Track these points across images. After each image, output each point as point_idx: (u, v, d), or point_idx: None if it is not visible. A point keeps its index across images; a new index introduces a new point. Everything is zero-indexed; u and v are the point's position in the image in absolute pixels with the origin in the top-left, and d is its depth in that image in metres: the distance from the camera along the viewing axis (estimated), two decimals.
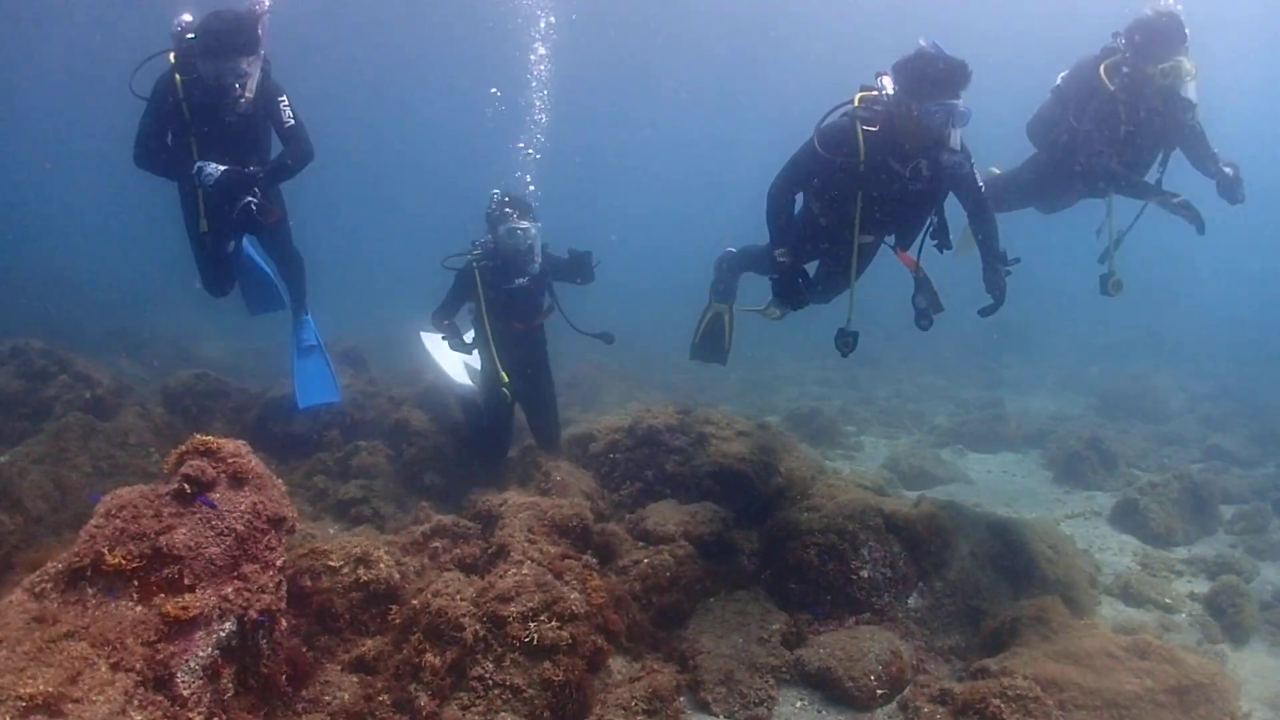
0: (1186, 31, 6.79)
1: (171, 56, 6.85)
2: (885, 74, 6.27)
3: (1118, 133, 7.05)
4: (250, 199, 6.83)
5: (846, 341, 6.49)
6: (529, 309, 7.79)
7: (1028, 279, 7.13)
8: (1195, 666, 4.82)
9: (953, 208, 6.54)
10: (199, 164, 6.72)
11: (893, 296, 7.12)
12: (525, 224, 7.45)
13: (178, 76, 6.78)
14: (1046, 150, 7.85)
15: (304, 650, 4.51)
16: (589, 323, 7.86)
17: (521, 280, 7.57)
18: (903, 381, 17.49)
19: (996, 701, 4.57)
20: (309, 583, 4.91)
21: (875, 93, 6.22)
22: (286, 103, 7.12)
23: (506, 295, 7.57)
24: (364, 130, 45.97)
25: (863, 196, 6.20)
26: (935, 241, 6.54)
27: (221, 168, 6.70)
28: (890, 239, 6.74)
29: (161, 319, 18.60)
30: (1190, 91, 6.89)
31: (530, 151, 10.64)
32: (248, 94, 6.79)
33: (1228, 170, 7.09)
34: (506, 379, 7.40)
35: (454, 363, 8.86)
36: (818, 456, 9.80)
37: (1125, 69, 6.98)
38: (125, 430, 7.80)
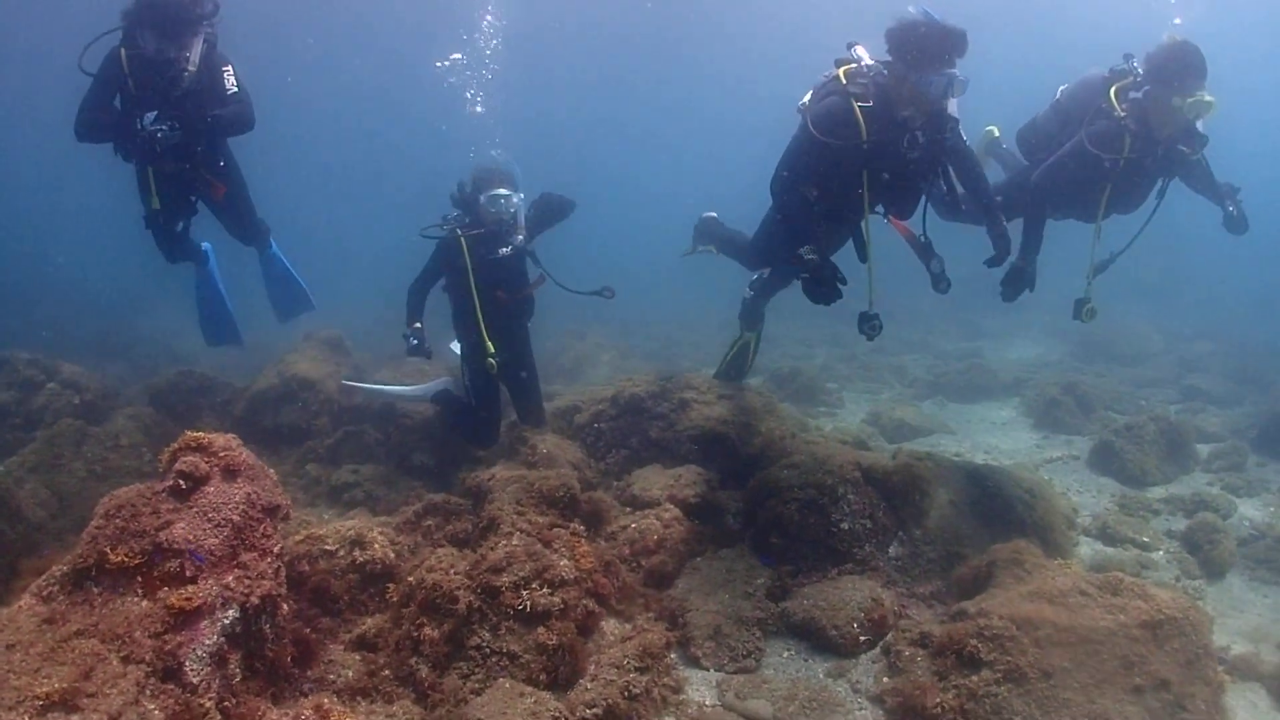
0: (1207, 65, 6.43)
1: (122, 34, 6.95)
2: (858, 44, 6.23)
3: (1118, 159, 6.68)
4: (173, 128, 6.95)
5: (873, 325, 6.39)
6: (513, 279, 7.74)
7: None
8: (1167, 601, 4.86)
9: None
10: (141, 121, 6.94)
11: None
12: (506, 190, 7.38)
13: (124, 52, 6.89)
14: (1037, 163, 7.50)
15: (307, 632, 4.66)
16: (582, 282, 7.82)
17: (505, 250, 7.50)
18: (883, 337, 17.53)
19: (974, 642, 4.69)
20: (307, 567, 5.06)
21: (855, 64, 6.14)
22: (231, 72, 7.23)
23: (491, 265, 7.50)
24: (333, 119, 45.77)
25: (867, 174, 6.09)
26: (945, 210, 6.57)
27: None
28: (880, 209, 6.64)
29: (144, 320, 18.59)
30: (1201, 125, 6.67)
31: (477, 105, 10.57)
32: (190, 67, 6.91)
33: (1230, 208, 6.92)
34: (493, 350, 7.38)
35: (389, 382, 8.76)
36: (799, 415, 9.95)
37: (1136, 94, 6.67)
38: (116, 433, 7.89)
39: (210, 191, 7.60)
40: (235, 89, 7.21)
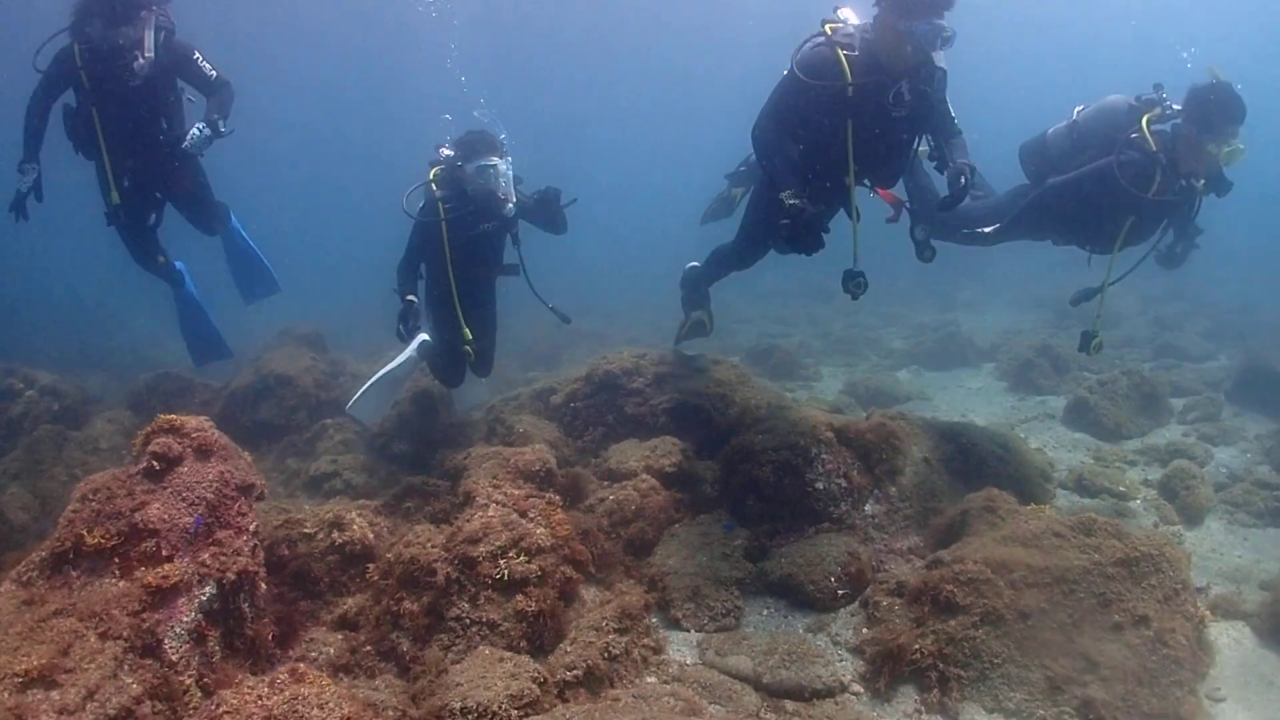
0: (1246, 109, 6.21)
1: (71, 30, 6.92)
2: (844, 6, 6.22)
3: (1144, 196, 6.43)
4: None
5: (858, 283, 6.21)
6: (490, 257, 7.62)
7: None
8: (1142, 539, 4.91)
9: None
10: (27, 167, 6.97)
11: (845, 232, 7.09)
12: (495, 159, 7.06)
13: (77, 46, 6.84)
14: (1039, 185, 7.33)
15: (289, 611, 4.69)
16: (553, 295, 7.70)
17: (487, 226, 7.31)
18: (859, 312, 17.61)
19: (949, 587, 4.77)
20: (286, 551, 5.07)
21: (841, 24, 6.12)
22: (202, 59, 7.18)
23: (470, 242, 7.32)
24: (305, 112, 45.64)
25: (852, 126, 5.95)
26: (935, 164, 6.43)
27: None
28: (867, 181, 6.53)
29: (119, 329, 18.54)
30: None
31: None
32: (145, 54, 6.86)
33: (1178, 248, 6.91)
34: (470, 338, 7.34)
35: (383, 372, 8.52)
36: (776, 388, 9.99)
37: (1163, 127, 6.48)
38: (96, 437, 7.91)
39: (174, 185, 7.55)
40: (215, 73, 7.18)
